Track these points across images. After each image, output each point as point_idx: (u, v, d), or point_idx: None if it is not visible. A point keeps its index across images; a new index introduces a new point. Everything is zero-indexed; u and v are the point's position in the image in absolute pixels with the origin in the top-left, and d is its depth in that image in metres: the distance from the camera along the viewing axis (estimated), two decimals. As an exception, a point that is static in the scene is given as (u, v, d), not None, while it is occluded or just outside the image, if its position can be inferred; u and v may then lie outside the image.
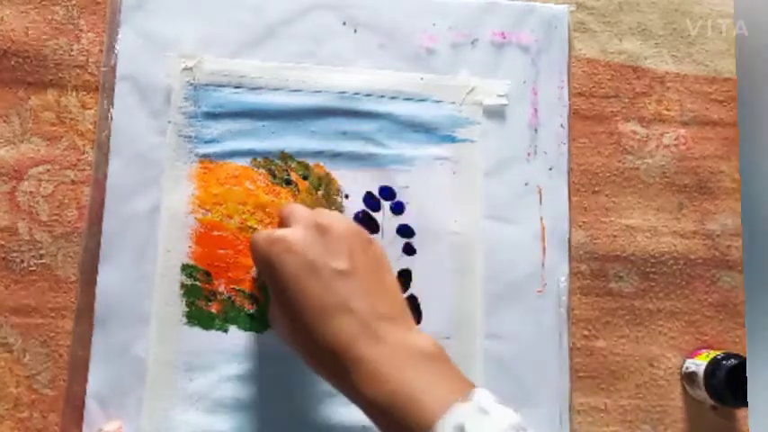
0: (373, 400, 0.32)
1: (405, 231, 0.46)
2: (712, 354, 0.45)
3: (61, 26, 0.46)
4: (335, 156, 0.46)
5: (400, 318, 0.36)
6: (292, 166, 0.46)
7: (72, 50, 0.46)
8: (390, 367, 0.33)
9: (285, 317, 0.36)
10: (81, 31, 0.47)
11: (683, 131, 0.50)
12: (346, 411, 0.43)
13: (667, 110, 0.50)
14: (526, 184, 0.48)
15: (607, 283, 0.48)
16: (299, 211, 0.39)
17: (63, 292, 0.44)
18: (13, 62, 0.46)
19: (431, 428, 0.30)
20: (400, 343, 0.34)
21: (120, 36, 0.46)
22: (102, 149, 0.45)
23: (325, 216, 0.38)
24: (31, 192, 0.45)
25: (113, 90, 0.46)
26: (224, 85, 0.46)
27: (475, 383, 0.34)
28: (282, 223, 0.40)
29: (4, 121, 0.45)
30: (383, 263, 0.38)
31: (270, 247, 0.36)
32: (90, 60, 0.46)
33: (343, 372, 0.33)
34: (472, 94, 0.48)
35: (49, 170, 0.45)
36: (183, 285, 0.44)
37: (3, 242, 0.44)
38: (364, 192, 0.46)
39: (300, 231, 0.37)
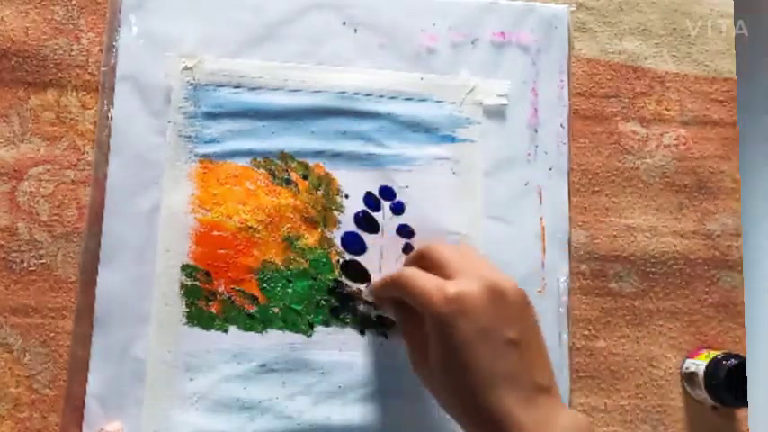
0: None
1: (405, 231, 0.46)
2: (712, 354, 0.45)
3: (61, 26, 0.46)
4: (335, 156, 0.46)
5: (554, 389, 0.36)
6: (292, 166, 0.46)
7: (72, 50, 0.46)
8: None
9: (447, 378, 0.36)
10: (81, 31, 0.47)
11: (683, 131, 0.50)
12: (346, 411, 0.44)
13: (667, 110, 0.50)
14: (526, 184, 0.48)
15: (607, 283, 0.48)
16: (459, 260, 0.38)
17: (63, 292, 0.44)
18: (13, 62, 0.46)
19: None
20: (556, 416, 0.34)
21: (120, 36, 0.46)
22: (102, 149, 0.45)
23: (497, 275, 0.37)
24: (31, 192, 0.45)
25: (113, 90, 0.46)
26: (224, 85, 0.46)
27: None
28: (432, 266, 0.38)
29: (4, 121, 0.45)
30: (540, 329, 0.37)
31: (445, 306, 0.35)
32: (90, 60, 0.46)
33: None
34: (472, 94, 0.48)
35: (49, 170, 0.45)
36: (182, 285, 0.44)
37: (3, 242, 0.44)
38: (364, 192, 0.46)
39: (476, 292, 0.35)
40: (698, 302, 0.48)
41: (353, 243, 0.46)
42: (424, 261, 0.39)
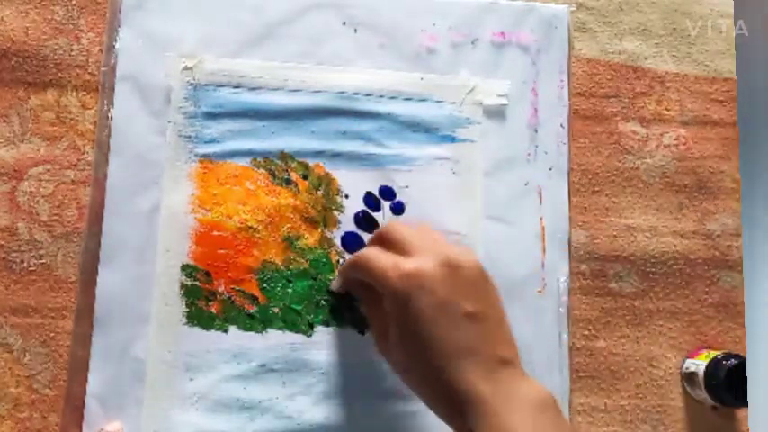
0: None
1: (405, 231, 0.46)
2: (712, 354, 0.45)
3: (61, 26, 0.46)
4: (335, 156, 0.46)
5: (517, 361, 0.36)
6: (292, 166, 0.46)
7: (72, 50, 0.46)
8: (508, 412, 0.33)
9: (407, 353, 0.36)
10: (81, 31, 0.47)
11: (683, 131, 0.50)
12: (345, 411, 0.44)
13: (667, 110, 0.50)
14: (526, 184, 0.48)
15: (607, 283, 0.48)
16: (418, 238, 0.38)
17: (63, 292, 0.44)
18: (13, 62, 0.46)
19: None
20: (518, 389, 0.34)
21: (120, 36, 0.46)
22: (102, 149, 0.45)
23: (453, 250, 0.37)
24: (31, 192, 0.45)
25: (113, 90, 0.46)
26: (224, 85, 0.46)
27: None
28: (391, 245, 0.38)
29: (4, 121, 0.45)
30: (500, 302, 0.37)
31: (400, 282, 0.35)
32: (90, 60, 0.46)
33: (460, 412, 0.34)
34: (472, 94, 0.48)
35: (49, 170, 0.45)
36: (182, 285, 0.44)
37: (3, 242, 0.44)
38: (364, 192, 0.46)
39: (431, 267, 0.35)
40: (698, 302, 0.48)
41: (353, 243, 0.46)
42: (384, 241, 0.39)
